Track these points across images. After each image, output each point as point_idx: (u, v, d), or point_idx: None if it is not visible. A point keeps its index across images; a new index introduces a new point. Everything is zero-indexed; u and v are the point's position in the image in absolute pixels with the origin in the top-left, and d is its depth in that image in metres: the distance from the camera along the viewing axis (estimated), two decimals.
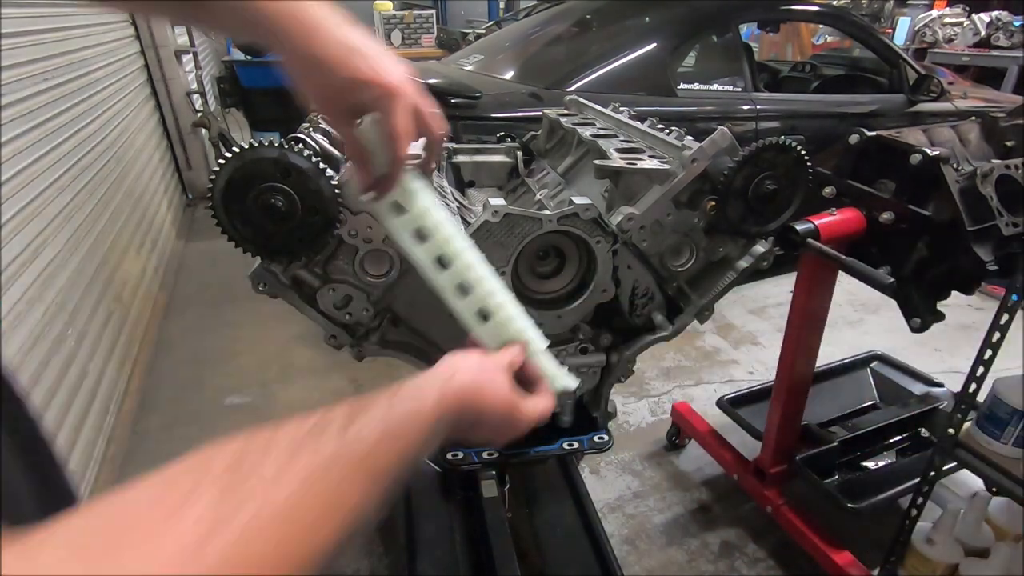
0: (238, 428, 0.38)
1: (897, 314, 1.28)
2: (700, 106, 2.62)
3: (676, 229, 0.91)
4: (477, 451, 1.02)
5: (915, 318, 1.24)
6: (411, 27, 6.83)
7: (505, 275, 0.83)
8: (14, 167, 1.88)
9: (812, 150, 0.91)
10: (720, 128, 0.87)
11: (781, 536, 1.79)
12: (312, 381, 2.59)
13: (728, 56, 2.79)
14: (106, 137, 2.90)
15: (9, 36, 2.02)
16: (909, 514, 1.42)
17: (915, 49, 6.19)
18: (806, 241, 1.25)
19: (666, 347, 2.70)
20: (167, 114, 4.29)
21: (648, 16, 2.79)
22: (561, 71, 2.53)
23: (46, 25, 2.42)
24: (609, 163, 0.92)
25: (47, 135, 2.20)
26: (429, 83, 2.22)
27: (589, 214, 0.82)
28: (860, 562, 1.56)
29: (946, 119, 2.84)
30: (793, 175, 0.87)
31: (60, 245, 2.09)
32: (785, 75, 3.86)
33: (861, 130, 1.29)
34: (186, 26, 3.96)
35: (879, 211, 1.24)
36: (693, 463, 2.15)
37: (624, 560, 1.75)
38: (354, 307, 0.85)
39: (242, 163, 0.70)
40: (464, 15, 9.72)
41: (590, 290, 0.88)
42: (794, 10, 3.11)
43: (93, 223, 2.49)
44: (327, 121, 0.83)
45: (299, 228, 0.74)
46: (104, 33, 3.23)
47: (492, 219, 0.79)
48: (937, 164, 1.13)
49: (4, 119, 1.88)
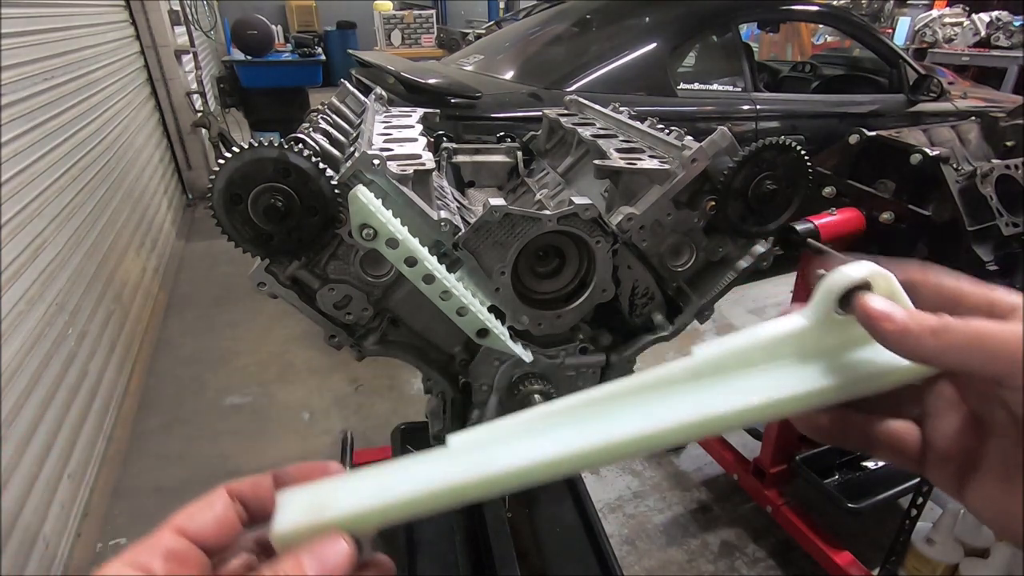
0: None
1: None
2: (700, 106, 2.62)
3: (676, 229, 0.90)
4: None
5: None
6: (411, 27, 6.84)
7: (504, 275, 0.83)
8: (14, 167, 1.88)
9: (812, 150, 0.91)
10: (720, 128, 0.87)
11: (781, 536, 1.79)
12: (312, 381, 2.59)
13: (728, 56, 2.79)
14: (106, 137, 2.90)
15: (9, 36, 2.02)
16: (909, 514, 1.42)
17: (915, 49, 6.19)
18: (806, 241, 1.25)
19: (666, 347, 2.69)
20: (167, 114, 4.29)
21: (648, 16, 2.79)
22: (561, 71, 2.53)
23: (46, 25, 2.42)
24: (609, 163, 0.91)
25: (47, 135, 2.20)
26: (429, 83, 2.22)
27: (589, 214, 0.81)
28: (860, 562, 1.56)
29: (946, 119, 2.84)
30: (793, 175, 0.87)
31: (60, 245, 2.09)
32: (785, 75, 3.85)
33: (861, 130, 1.29)
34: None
35: (879, 211, 1.24)
36: (693, 463, 2.15)
37: (624, 560, 1.75)
38: (354, 307, 0.85)
39: (242, 163, 0.70)
40: (464, 15, 9.73)
41: (590, 290, 0.88)
42: (794, 10, 3.11)
43: (93, 223, 2.49)
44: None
45: (299, 228, 0.74)
46: (104, 33, 3.23)
47: (492, 219, 0.79)
48: (937, 164, 1.13)
49: (4, 119, 1.88)
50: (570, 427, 0.35)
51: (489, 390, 0.92)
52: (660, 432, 0.34)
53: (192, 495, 0.36)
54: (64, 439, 1.84)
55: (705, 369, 0.36)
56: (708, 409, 0.34)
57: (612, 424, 0.34)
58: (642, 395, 0.36)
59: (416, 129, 1.07)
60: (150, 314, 3.00)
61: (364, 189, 0.71)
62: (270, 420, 2.34)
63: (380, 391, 2.53)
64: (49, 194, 2.10)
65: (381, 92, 1.31)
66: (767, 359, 0.35)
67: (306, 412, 2.39)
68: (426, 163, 0.87)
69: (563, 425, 0.35)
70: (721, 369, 0.35)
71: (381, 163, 0.77)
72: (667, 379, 0.36)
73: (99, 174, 2.69)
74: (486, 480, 0.33)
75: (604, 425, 0.34)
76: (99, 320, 2.31)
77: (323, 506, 0.32)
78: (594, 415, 0.35)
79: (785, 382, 0.34)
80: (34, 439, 1.67)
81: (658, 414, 0.34)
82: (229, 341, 2.88)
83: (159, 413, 2.37)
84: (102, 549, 1.82)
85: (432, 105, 1.40)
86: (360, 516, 0.32)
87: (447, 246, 0.81)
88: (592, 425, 0.34)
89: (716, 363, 0.36)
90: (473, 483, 0.33)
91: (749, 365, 0.35)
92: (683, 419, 0.34)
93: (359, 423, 2.33)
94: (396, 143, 0.96)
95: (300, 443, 2.21)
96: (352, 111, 1.22)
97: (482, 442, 0.34)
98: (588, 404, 0.36)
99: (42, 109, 2.21)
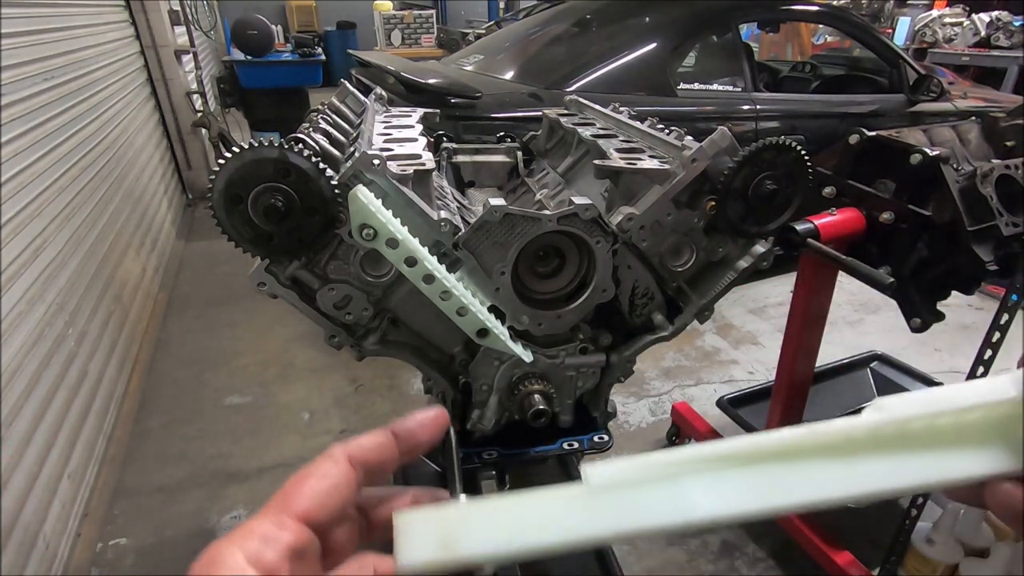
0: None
1: (897, 314, 1.28)
2: (700, 106, 2.62)
3: (676, 229, 0.90)
4: (477, 451, 1.02)
5: (915, 318, 1.24)
6: (411, 27, 6.84)
7: (504, 275, 0.83)
8: (14, 167, 1.88)
9: (812, 150, 0.91)
10: (720, 128, 0.87)
11: (781, 536, 1.79)
12: (312, 381, 2.59)
13: (728, 56, 2.79)
14: (106, 137, 2.90)
15: (9, 36, 2.02)
16: (909, 514, 1.41)
17: (915, 49, 6.19)
18: (806, 241, 1.25)
19: (666, 347, 2.70)
20: (167, 114, 4.29)
21: (648, 16, 2.79)
22: (561, 71, 2.53)
23: (46, 25, 2.42)
24: (609, 163, 0.91)
25: (47, 135, 2.20)
26: (429, 83, 2.22)
27: (589, 214, 0.81)
28: (860, 562, 1.55)
29: (946, 119, 2.84)
30: (793, 175, 0.87)
31: (60, 245, 2.09)
32: (785, 75, 3.85)
33: (861, 130, 1.29)
34: None
35: (879, 211, 1.24)
36: None
37: (624, 560, 1.75)
38: (354, 307, 0.85)
39: (242, 163, 0.70)
40: (464, 15, 9.73)
41: (590, 290, 0.88)
42: (794, 10, 3.11)
43: (93, 223, 2.49)
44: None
45: (299, 228, 0.74)
46: (104, 33, 3.23)
47: (492, 219, 0.79)
48: (937, 164, 1.13)
49: (4, 119, 1.88)
50: (724, 479, 0.31)
51: (489, 390, 0.92)
52: (825, 500, 0.30)
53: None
54: (64, 439, 1.84)
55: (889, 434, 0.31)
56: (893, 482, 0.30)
57: (775, 485, 0.30)
58: (811, 457, 0.31)
59: (416, 129, 1.08)
60: (150, 314, 3.00)
61: (364, 189, 0.71)
62: (270, 420, 2.34)
63: (380, 391, 2.53)
64: (49, 194, 2.10)
65: (381, 92, 1.31)
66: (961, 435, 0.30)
67: (306, 412, 2.39)
68: (426, 163, 0.87)
69: (714, 473, 0.31)
70: (907, 437, 0.31)
71: (381, 163, 0.77)
72: (844, 441, 0.31)
73: (99, 174, 2.69)
74: (628, 533, 0.31)
75: (767, 483, 0.30)
76: (99, 320, 2.31)
77: (453, 542, 0.31)
78: (756, 469, 0.31)
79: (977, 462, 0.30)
80: (34, 439, 1.67)
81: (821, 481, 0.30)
82: (229, 341, 2.88)
83: (159, 413, 2.37)
84: (102, 549, 1.82)
85: (432, 105, 1.40)
86: (492, 558, 0.31)
87: (447, 246, 0.81)
88: (752, 480, 0.31)
89: (902, 426, 0.31)
90: (614, 535, 0.31)
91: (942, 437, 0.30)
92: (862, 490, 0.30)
93: (359, 423, 2.33)
94: (396, 143, 0.96)
95: (300, 443, 2.21)
96: (352, 111, 1.22)
97: (624, 482, 0.31)
98: (750, 456, 0.31)
99: (42, 109, 2.21)
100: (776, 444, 0.31)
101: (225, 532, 0.30)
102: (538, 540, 0.30)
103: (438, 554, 0.30)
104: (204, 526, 1.86)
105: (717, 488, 0.30)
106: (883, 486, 0.30)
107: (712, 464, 0.31)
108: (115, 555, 1.80)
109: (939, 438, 0.31)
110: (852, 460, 0.31)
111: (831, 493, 0.30)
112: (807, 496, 0.30)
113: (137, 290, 2.89)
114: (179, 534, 1.84)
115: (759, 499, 0.30)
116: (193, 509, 1.90)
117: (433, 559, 0.30)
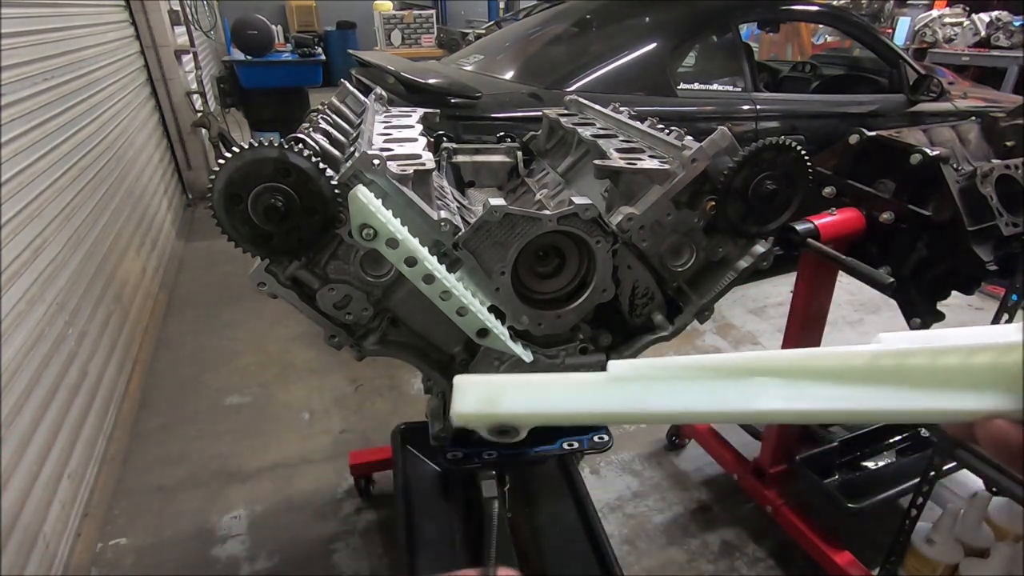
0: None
1: (897, 314, 1.28)
2: (700, 106, 2.61)
3: (676, 229, 0.91)
4: (477, 451, 1.03)
5: (915, 318, 1.24)
6: (411, 27, 6.84)
7: (504, 275, 0.83)
8: (14, 167, 1.88)
9: (812, 150, 0.91)
10: (720, 128, 0.87)
11: (781, 536, 1.79)
12: (312, 381, 2.59)
13: (728, 56, 2.79)
14: (106, 137, 2.90)
15: (9, 36, 2.02)
16: (909, 514, 1.41)
17: (915, 49, 6.19)
18: (806, 241, 1.25)
19: (666, 347, 2.69)
20: (167, 114, 4.29)
21: (648, 16, 2.79)
22: (561, 71, 2.53)
23: (46, 25, 2.42)
24: (609, 163, 0.91)
25: (47, 135, 2.20)
26: (429, 83, 2.22)
27: (589, 214, 0.82)
28: (860, 562, 1.55)
29: (946, 119, 2.84)
30: (793, 175, 0.87)
31: (60, 245, 2.09)
32: (785, 75, 3.85)
33: (861, 130, 1.29)
34: None
35: (879, 211, 1.24)
36: (693, 463, 2.15)
37: (624, 560, 1.75)
38: (354, 307, 0.85)
39: (242, 163, 0.70)
40: (464, 15, 9.73)
41: (590, 290, 0.88)
42: (794, 10, 3.11)
43: (93, 223, 2.49)
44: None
45: (299, 228, 0.74)
46: (104, 33, 3.23)
47: (492, 219, 0.79)
48: (937, 164, 1.13)
49: (4, 119, 1.88)
50: (724, 384, 0.36)
51: None
52: (809, 413, 0.34)
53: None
54: (64, 439, 1.84)
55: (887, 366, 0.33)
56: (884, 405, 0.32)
57: (762, 393, 0.34)
58: (815, 376, 0.34)
59: (416, 129, 1.08)
60: (150, 314, 3.00)
61: (364, 189, 0.71)
62: (270, 420, 2.33)
63: (380, 391, 2.53)
64: (49, 194, 2.10)
65: (381, 92, 1.31)
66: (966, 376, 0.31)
67: (306, 412, 2.39)
68: (426, 163, 0.87)
69: (717, 380, 0.36)
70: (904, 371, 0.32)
71: (381, 163, 0.77)
72: (844, 368, 0.34)
73: (99, 174, 2.69)
74: (637, 415, 0.37)
75: (755, 391, 0.35)
76: (99, 320, 2.31)
77: (495, 400, 0.38)
78: (756, 381, 0.35)
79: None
80: (34, 439, 1.67)
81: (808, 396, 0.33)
82: (229, 341, 2.88)
83: (159, 413, 2.37)
84: (102, 549, 1.82)
85: (432, 105, 1.40)
86: (525, 417, 0.38)
87: (447, 246, 0.81)
88: (743, 389, 0.35)
89: (902, 359, 0.33)
90: (625, 414, 0.37)
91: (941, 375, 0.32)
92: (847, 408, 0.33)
93: (359, 423, 2.33)
94: (396, 143, 0.96)
95: (300, 443, 2.21)
96: (352, 111, 1.22)
97: (640, 376, 0.37)
98: (753, 369, 0.35)
99: (42, 109, 2.21)
100: (787, 361, 0.35)
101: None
102: (563, 408, 0.38)
103: (483, 407, 0.38)
104: (204, 526, 1.86)
105: (716, 390, 0.36)
106: (879, 406, 0.33)
107: (717, 372, 0.36)
108: (115, 555, 1.80)
109: (942, 373, 0.32)
110: (851, 385, 0.33)
111: (823, 406, 0.34)
112: (795, 406, 0.34)
113: (137, 290, 2.89)
114: (179, 534, 1.84)
115: (750, 402, 0.35)
116: (193, 509, 1.90)
117: (479, 411, 0.38)
